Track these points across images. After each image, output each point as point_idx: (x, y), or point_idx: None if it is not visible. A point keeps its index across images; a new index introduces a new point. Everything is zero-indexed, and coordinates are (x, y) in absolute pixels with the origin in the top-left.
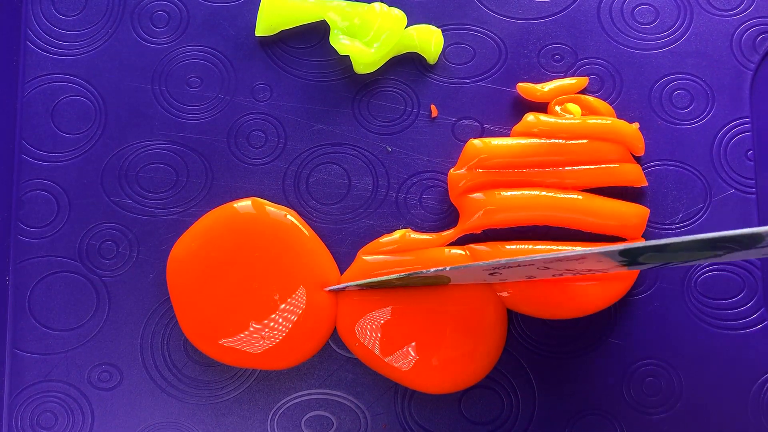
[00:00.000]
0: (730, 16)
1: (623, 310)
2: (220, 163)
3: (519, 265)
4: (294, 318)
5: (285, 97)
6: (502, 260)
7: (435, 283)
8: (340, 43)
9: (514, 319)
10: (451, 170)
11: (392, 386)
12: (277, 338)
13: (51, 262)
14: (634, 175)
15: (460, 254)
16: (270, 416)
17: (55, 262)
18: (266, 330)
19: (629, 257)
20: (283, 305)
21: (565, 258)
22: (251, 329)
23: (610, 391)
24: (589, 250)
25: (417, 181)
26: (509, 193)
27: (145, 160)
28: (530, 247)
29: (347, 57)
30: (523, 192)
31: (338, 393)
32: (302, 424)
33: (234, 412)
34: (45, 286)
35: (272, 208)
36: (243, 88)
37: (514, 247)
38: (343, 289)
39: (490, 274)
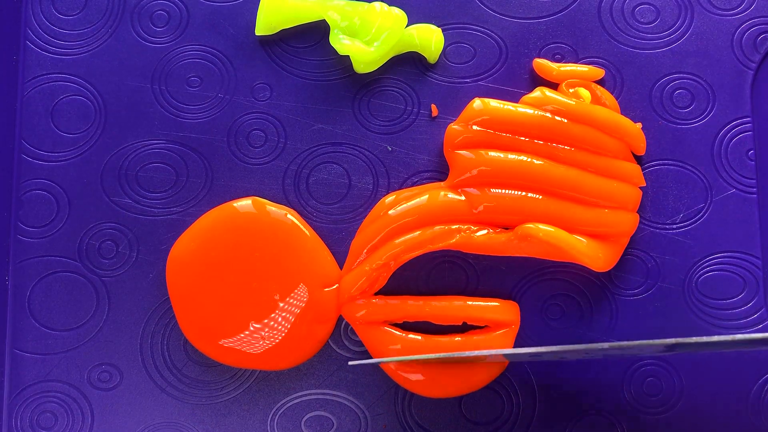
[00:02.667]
0: (731, 15)
1: (623, 310)
2: (220, 163)
3: (586, 352)
4: (294, 318)
5: (285, 97)
6: (564, 347)
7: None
8: (340, 42)
9: None
10: (451, 124)
11: (392, 386)
12: (277, 338)
13: (51, 262)
14: (632, 173)
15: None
16: (270, 416)
17: (55, 262)
18: (266, 330)
19: (672, 349)
20: (283, 305)
21: (621, 347)
22: (251, 329)
23: (610, 391)
24: (647, 342)
25: (417, 181)
26: (500, 154)
27: (144, 160)
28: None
29: (347, 56)
30: (516, 156)
31: (338, 393)
32: (302, 425)
33: (234, 412)
34: (45, 285)
35: (272, 208)
36: (243, 87)
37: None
38: (375, 363)
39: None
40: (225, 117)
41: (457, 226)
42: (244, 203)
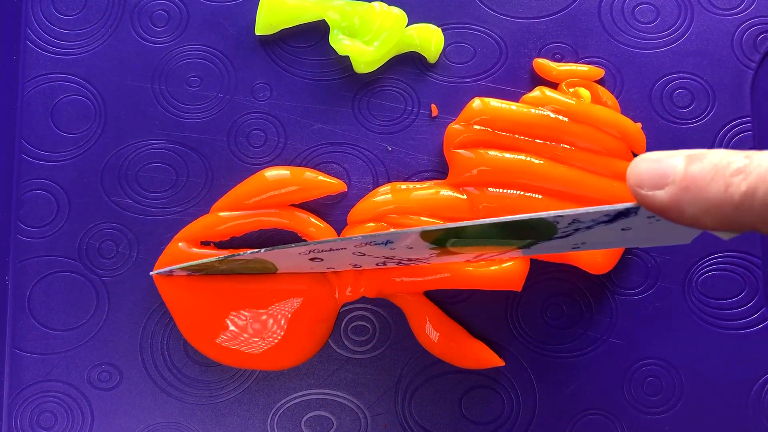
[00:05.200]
0: (731, 15)
1: (624, 310)
2: (220, 163)
3: (331, 249)
4: (294, 318)
5: (285, 96)
6: (317, 242)
7: (262, 271)
8: (340, 43)
9: (515, 319)
10: (451, 124)
11: (392, 386)
12: (277, 338)
13: (51, 262)
14: None
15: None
16: (270, 416)
17: (55, 262)
18: (266, 330)
19: (434, 243)
20: (283, 305)
21: (373, 241)
22: (251, 330)
23: (611, 391)
24: (396, 232)
25: (417, 181)
26: (499, 153)
27: (144, 160)
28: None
29: (347, 56)
30: (516, 156)
31: (338, 393)
32: (302, 425)
33: (234, 412)
34: (45, 285)
35: None
36: (243, 87)
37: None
38: (170, 273)
39: (310, 259)
40: (225, 117)
41: None
42: None
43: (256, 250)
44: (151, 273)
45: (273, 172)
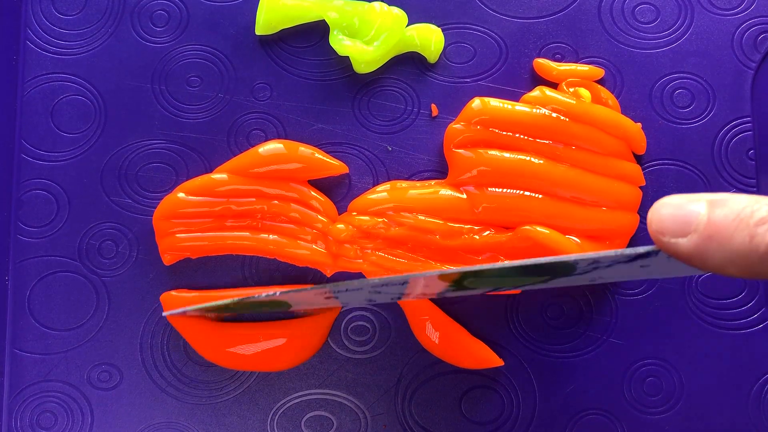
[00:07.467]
0: (731, 15)
1: (623, 310)
2: (220, 163)
3: (347, 290)
4: (294, 317)
5: (285, 97)
6: (334, 285)
7: (276, 309)
8: (340, 43)
9: (515, 319)
10: (451, 124)
11: (392, 386)
12: (277, 340)
13: (50, 262)
14: (632, 172)
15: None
16: (270, 416)
17: (55, 262)
18: (266, 331)
19: (453, 283)
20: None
21: (390, 283)
22: (251, 330)
23: (611, 391)
24: (410, 275)
25: (417, 180)
26: (499, 153)
27: (144, 160)
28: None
29: (348, 56)
30: (516, 156)
31: (338, 393)
32: (302, 425)
33: (234, 412)
34: (44, 285)
35: None
36: (243, 87)
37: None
38: (183, 314)
39: (326, 298)
40: (225, 117)
41: (459, 225)
42: None
43: (272, 292)
44: (163, 314)
45: (270, 146)
